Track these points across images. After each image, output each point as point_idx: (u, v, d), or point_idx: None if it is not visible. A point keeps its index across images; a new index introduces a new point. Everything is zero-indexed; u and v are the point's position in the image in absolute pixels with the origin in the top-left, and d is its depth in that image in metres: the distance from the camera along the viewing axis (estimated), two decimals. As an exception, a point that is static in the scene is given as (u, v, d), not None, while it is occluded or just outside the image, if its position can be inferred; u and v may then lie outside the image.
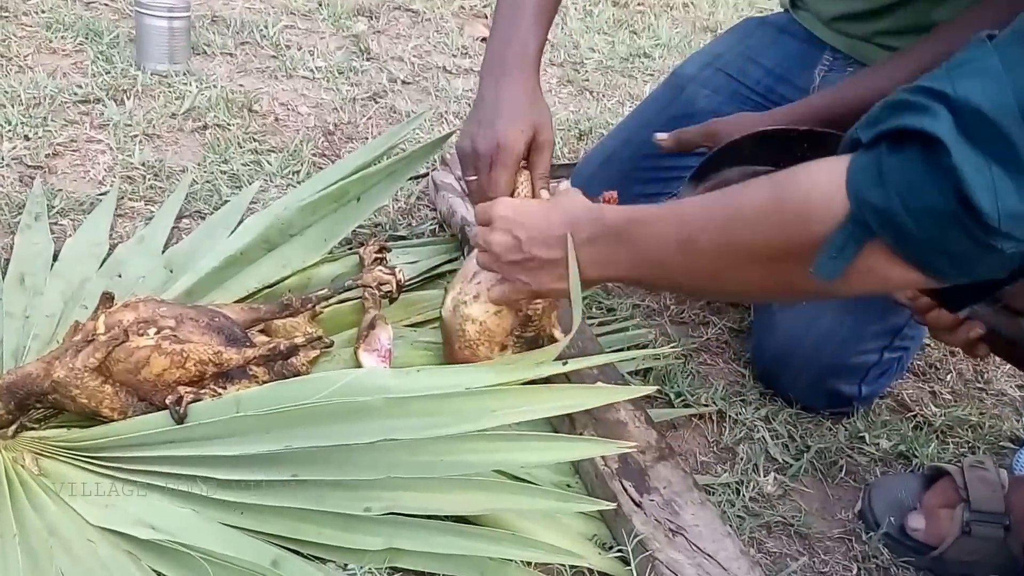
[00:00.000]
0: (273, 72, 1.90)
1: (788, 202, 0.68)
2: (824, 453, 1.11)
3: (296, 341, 0.97)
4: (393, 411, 0.84)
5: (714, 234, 0.75)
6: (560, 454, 0.84)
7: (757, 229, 0.71)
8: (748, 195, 0.73)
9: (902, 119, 0.61)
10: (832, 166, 0.66)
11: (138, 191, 1.44)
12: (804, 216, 0.67)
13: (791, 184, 0.69)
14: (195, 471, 0.91)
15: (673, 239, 0.78)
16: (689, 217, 0.78)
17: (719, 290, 0.88)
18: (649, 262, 0.81)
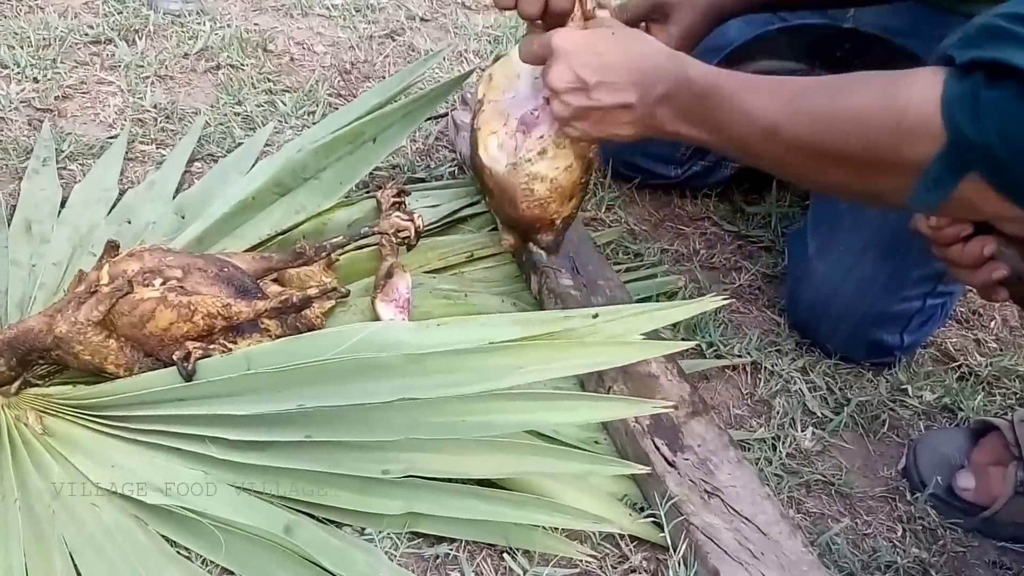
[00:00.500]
0: (288, 10, 1.79)
1: (883, 116, 0.64)
2: (865, 406, 1.02)
3: (310, 293, 0.89)
4: (411, 368, 0.76)
5: (803, 128, 0.70)
6: (590, 414, 0.76)
7: (848, 135, 0.67)
8: (844, 98, 0.68)
9: (1001, 52, 0.57)
10: (928, 84, 0.62)
11: (149, 134, 1.35)
12: (897, 135, 0.64)
13: (888, 96, 0.64)
14: (204, 431, 0.84)
15: (760, 122, 0.72)
16: (781, 102, 0.71)
17: (801, 182, 0.83)
18: (730, 138, 0.75)
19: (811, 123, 0.69)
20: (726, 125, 0.74)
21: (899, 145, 0.63)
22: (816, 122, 0.69)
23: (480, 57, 1.74)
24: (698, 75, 0.76)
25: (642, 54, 0.78)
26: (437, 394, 0.75)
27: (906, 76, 0.64)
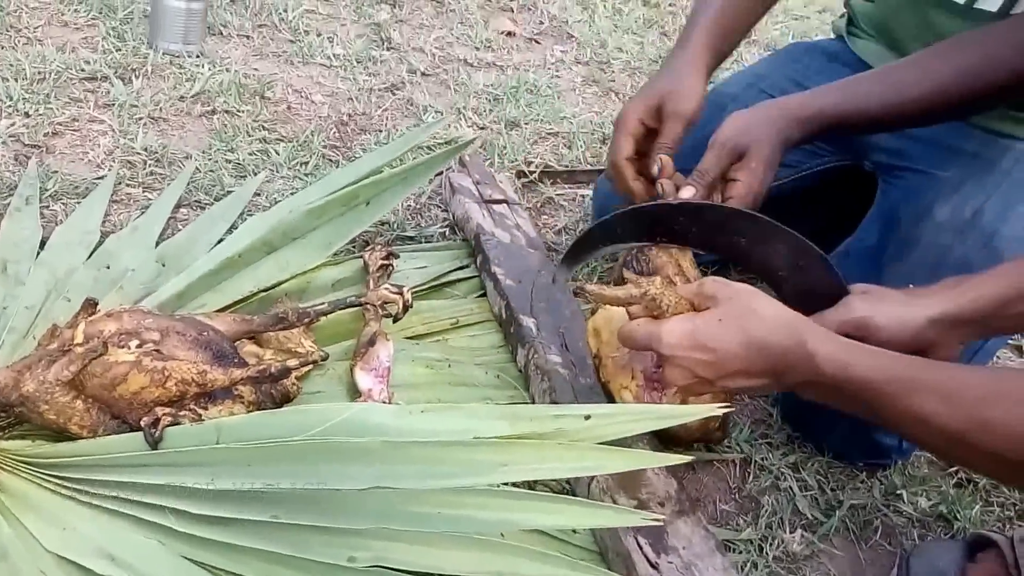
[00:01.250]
0: (289, 57, 1.78)
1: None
2: (857, 510, 0.99)
3: (288, 364, 0.85)
4: (391, 455, 0.72)
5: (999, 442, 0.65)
6: (574, 520, 0.72)
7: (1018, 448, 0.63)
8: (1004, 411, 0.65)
9: None
10: None
11: (137, 177, 1.32)
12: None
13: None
14: (166, 501, 0.80)
15: (939, 428, 0.68)
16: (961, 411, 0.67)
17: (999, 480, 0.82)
18: (900, 430, 0.73)
19: (1008, 439, 0.65)
20: (892, 421, 0.72)
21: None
22: (1015, 439, 0.65)
23: (478, 115, 1.73)
24: (833, 369, 0.73)
25: (761, 343, 0.75)
26: (416, 484, 0.72)
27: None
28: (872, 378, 0.71)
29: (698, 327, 0.77)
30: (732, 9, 1.10)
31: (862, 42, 1.23)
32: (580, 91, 1.97)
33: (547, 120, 1.76)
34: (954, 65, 0.93)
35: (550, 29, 2.24)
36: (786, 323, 0.75)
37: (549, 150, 1.66)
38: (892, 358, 0.73)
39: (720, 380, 0.77)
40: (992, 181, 1.04)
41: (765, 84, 1.23)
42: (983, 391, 0.67)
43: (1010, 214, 1.01)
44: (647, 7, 2.49)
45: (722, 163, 0.96)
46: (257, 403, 0.89)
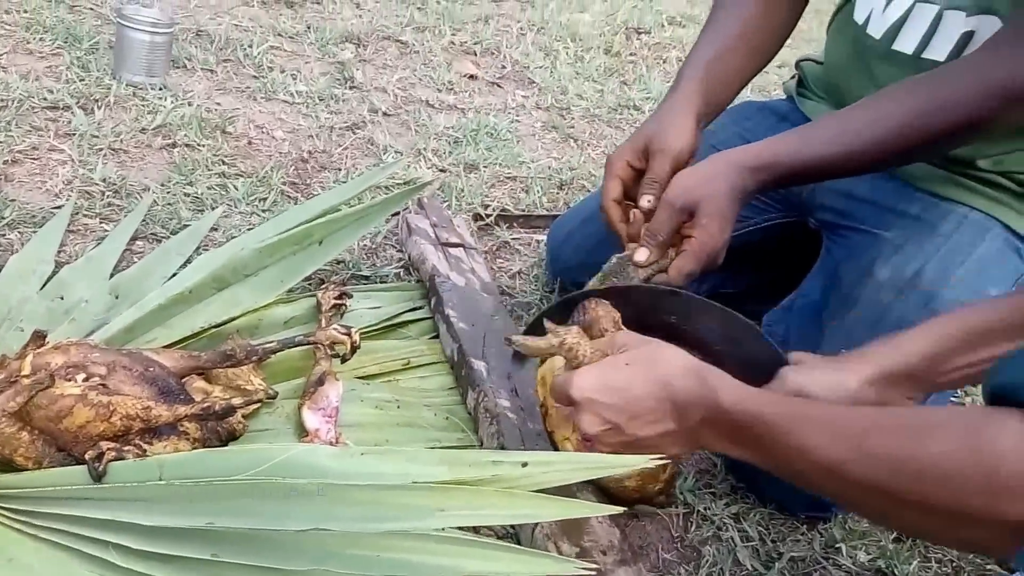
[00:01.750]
0: (252, 93, 1.80)
1: (972, 469, 0.60)
2: (797, 562, 1.01)
3: (233, 402, 0.87)
4: (329, 497, 0.74)
5: (877, 472, 0.65)
6: (514, 567, 0.73)
7: (931, 484, 0.62)
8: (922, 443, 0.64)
9: None
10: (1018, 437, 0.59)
11: (95, 208, 1.33)
12: (990, 490, 0.59)
13: (974, 447, 0.61)
14: (108, 536, 0.80)
15: (822, 460, 0.68)
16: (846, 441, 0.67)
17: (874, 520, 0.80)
18: (786, 468, 0.72)
19: (886, 468, 0.65)
20: (780, 457, 0.72)
21: (993, 501, 0.59)
22: (892, 468, 0.64)
23: (438, 156, 1.76)
24: (731, 402, 0.73)
25: (665, 381, 0.76)
26: (355, 527, 0.73)
27: (989, 424, 0.61)
28: (763, 412, 0.71)
29: (606, 371, 0.78)
30: (723, 59, 1.11)
31: (811, 103, 1.27)
32: (540, 136, 2.01)
33: (506, 164, 1.79)
34: (908, 106, 0.93)
35: (512, 74, 2.29)
36: (690, 367, 0.77)
37: (507, 194, 1.69)
38: (785, 397, 0.75)
39: (629, 426, 0.77)
40: (932, 244, 1.06)
41: (716, 140, 1.27)
42: (866, 423, 0.68)
43: (949, 277, 1.04)
44: (608, 56, 2.56)
45: (673, 222, 0.96)
46: (203, 440, 0.90)
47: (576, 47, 2.55)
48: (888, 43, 1.09)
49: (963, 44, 1.03)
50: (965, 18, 1.02)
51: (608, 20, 2.83)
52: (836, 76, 1.22)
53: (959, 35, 1.03)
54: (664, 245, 0.98)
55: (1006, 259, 1.06)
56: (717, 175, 0.96)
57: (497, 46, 2.41)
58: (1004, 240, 1.08)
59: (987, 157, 1.08)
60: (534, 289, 1.40)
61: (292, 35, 2.14)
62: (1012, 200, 1.10)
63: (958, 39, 1.03)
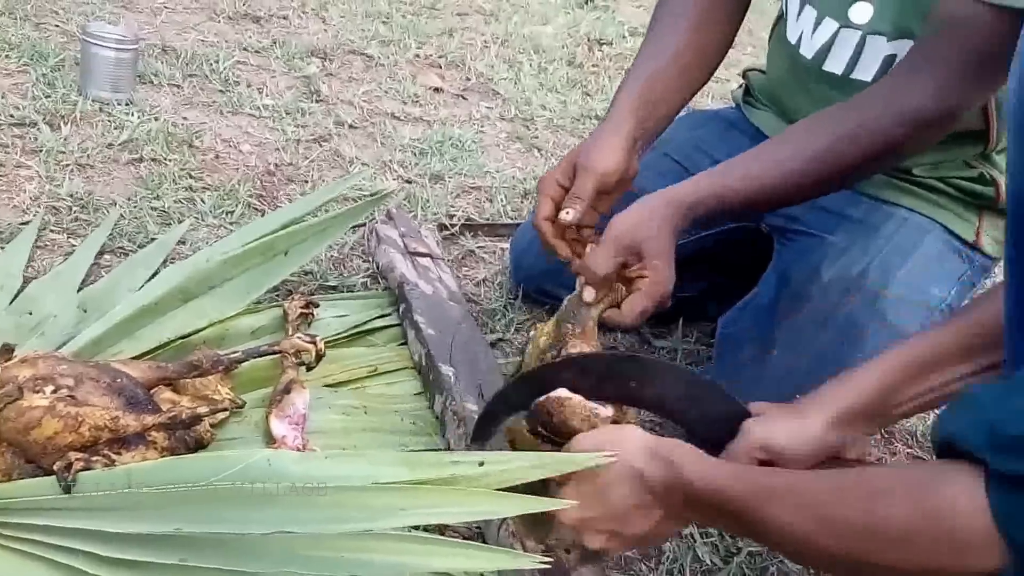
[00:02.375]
0: (219, 107, 1.81)
1: (929, 532, 0.62)
2: (755, 557, 1.03)
3: (199, 411, 0.88)
4: (293, 501, 0.75)
5: (842, 542, 0.66)
6: (473, 563, 0.76)
7: (894, 550, 0.64)
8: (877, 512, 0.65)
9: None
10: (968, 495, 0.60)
11: (62, 223, 1.33)
12: (951, 550, 0.61)
13: (928, 511, 0.62)
14: (78, 544, 0.81)
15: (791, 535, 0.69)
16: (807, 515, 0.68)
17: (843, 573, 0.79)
18: (765, 540, 0.74)
19: (849, 538, 0.66)
20: (756, 531, 0.73)
21: (960, 559, 0.61)
22: (855, 537, 0.65)
23: (404, 167, 1.78)
24: (702, 485, 0.74)
25: (635, 475, 0.77)
26: (319, 529, 0.75)
27: (940, 484, 0.62)
28: (733, 487, 0.73)
29: (581, 489, 0.80)
30: (656, 83, 1.11)
31: (757, 112, 1.31)
32: (504, 147, 2.04)
33: (471, 174, 1.82)
34: (823, 138, 0.96)
35: (477, 86, 2.32)
36: (652, 450, 0.78)
37: (471, 204, 1.72)
38: (750, 469, 0.76)
39: (626, 528, 0.79)
40: (875, 245, 1.10)
41: (669, 148, 1.30)
42: (825, 491, 0.69)
43: (892, 276, 1.08)
44: (571, 67, 2.59)
45: (617, 259, 0.96)
46: (171, 449, 0.91)
47: (539, 59, 2.58)
48: (819, 64, 1.13)
49: (887, 65, 1.07)
50: (886, 43, 1.07)
51: (570, 32, 2.87)
52: (777, 89, 1.26)
53: (882, 58, 1.07)
54: (607, 281, 0.97)
55: (947, 260, 1.10)
56: (655, 215, 0.97)
57: (462, 59, 2.44)
58: (944, 242, 1.12)
59: (920, 165, 1.13)
60: (499, 296, 1.43)
61: (258, 50, 2.15)
62: (950, 204, 1.14)
63: (882, 61, 1.08)
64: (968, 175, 1.13)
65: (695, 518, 0.79)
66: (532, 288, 1.40)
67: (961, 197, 1.15)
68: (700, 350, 1.39)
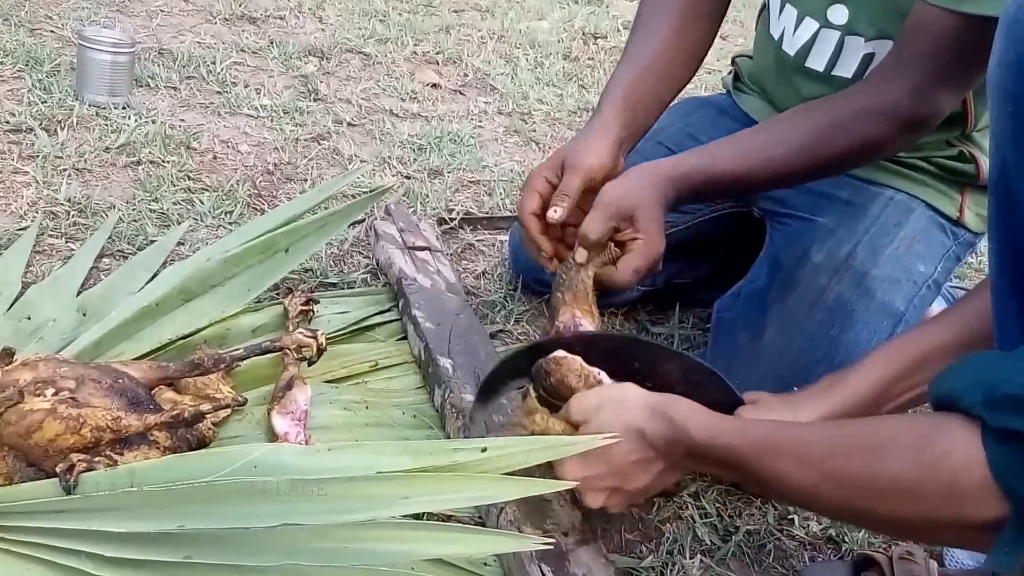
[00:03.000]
0: (216, 108, 1.80)
1: (931, 485, 0.64)
2: (753, 535, 1.04)
3: (202, 408, 0.88)
4: (296, 494, 0.75)
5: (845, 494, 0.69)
6: (475, 547, 0.76)
7: (896, 501, 0.66)
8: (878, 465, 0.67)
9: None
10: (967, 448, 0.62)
11: (60, 228, 1.33)
12: (952, 501, 0.63)
13: (928, 464, 0.64)
14: (81, 546, 0.80)
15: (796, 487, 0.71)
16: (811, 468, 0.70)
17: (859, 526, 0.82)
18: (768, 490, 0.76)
19: (851, 490, 0.69)
20: (762, 482, 0.75)
21: (959, 509, 0.63)
22: (857, 490, 0.68)
23: (403, 164, 1.78)
24: (704, 439, 0.77)
25: (637, 433, 0.79)
26: (322, 520, 0.74)
27: (938, 437, 0.64)
28: (735, 443, 0.75)
29: (583, 457, 0.81)
30: (640, 83, 1.12)
31: (747, 97, 1.32)
32: (502, 141, 2.03)
33: (469, 169, 1.81)
34: (805, 130, 1.00)
35: (474, 81, 2.31)
36: (654, 408, 0.80)
37: (470, 198, 1.71)
38: (753, 424, 0.78)
39: (627, 483, 0.82)
40: (862, 226, 1.12)
41: (662, 136, 1.30)
42: (827, 445, 0.71)
43: (879, 256, 1.09)
44: (567, 61, 2.58)
45: (607, 224, 0.98)
46: (173, 448, 0.90)
47: (536, 53, 2.57)
48: (801, 60, 1.15)
49: (866, 65, 1.11)
50: (864, 43, 1.10)
51: (566, 27, 2.86)
52: (763, 78, 1.28)
53: (861, 56, 1.10)
54: (598, 245, 1.00)
55: (931, 236, 1.12)
56: (646, 185, 0.99)
57: (459, 55, 2.43)
58: (929, 219, 1.14)
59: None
60: (499, 288, 1.42)
61: (255, 50, 2.15)
62: (933, 181, 1.16)
63: (860, 60, 1.11)
64: (949, 154, 1.15)
65: (696, 467, 0.82)
66: (531, 279, 1.40)
67: (943, 175, 1.17)
68: (696, 335, 1.38)
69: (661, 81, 1.14)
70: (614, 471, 0.81)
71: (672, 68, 1.15)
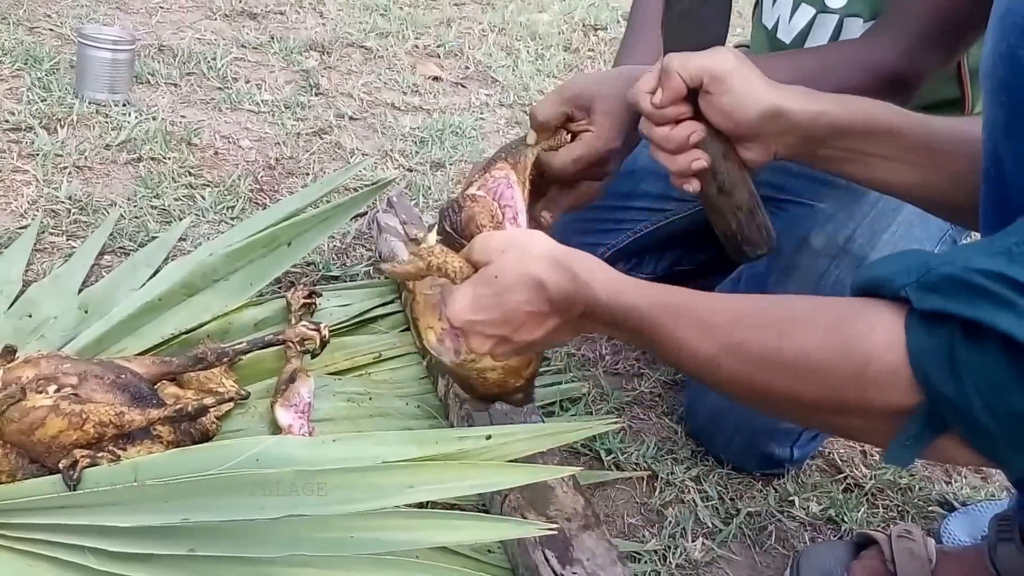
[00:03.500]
0: (217, 104, 1.80)
1: (842, 363, 0.60)
2: (754, 517, 1.04)
3: (205, 402, 0.88)
4: (302, 485, 0.75)
5: (747, 366, 0.65)
6: (477, 534, 0.76)
7: (801, 379, 0.63)
8: (790, 337, 0.63)
9: (981, 311, 0.54)
10: (887, 329, 0.59)
11: (61, 225, 1.33)
12: (861, 383, 0.60)
13: (844, 341, 0.61)
14: (85, 541, 0.81)
15: (695, 355, 0.68)
16: (715, 336, 0.67)
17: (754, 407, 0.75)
18: (665, 358, 0.72)
19: (755, 362, 0.65)
20: (658, 348, 0.71)
21: (865, 393, 0.60)
22: (761, 361, 0.64)
23: (405, 157, 1.77)
24: (607, 297, 0.72)
25: (537, 282, 0.73)
26: (327, 511, 0.74)
27: (857, 318, 0.61)
28: (638, 304, 0.70)
29: (477, 290, 0.76)
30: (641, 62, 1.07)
31: None
32: (503, 132, 2.02)
33: (471, 161, 1.80)
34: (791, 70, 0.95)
35: (475, 74, 2.30)
36: (557, 260, 0.74)
37: (472, 189, 1.70)
38: (660, 288, 0.73)
39: (517, 334, 0.75)
40: (861, 211, 1.11)
41: None
42: (734, 315, 0.67)
43: (877, 241, 1.09)
44: (568, 52, 2.57)
45: (558, 108, 0.93)
46: (176, 442, 0.90)
47: (536, 46, 2.56)
48: (799, 46, 1.15)
49: None
50: (863, 23, 1.09)
51: (566, 19, 2.85)
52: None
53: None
54: (545, 128, 0.94)
55: (928, 220, 1.11)
56: (618, 81, 0.94)
57: (460, 48, 2.42)
58: None
59: None
60: (501, 279, 1.41)
61: (256, 46, 2.14)
62: None
63: None
64: None
65: (592, 328, 0.76)
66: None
67: None
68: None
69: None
70: (505, 318, 0.75)
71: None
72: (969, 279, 0.55)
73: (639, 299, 0.71)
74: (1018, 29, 0.61)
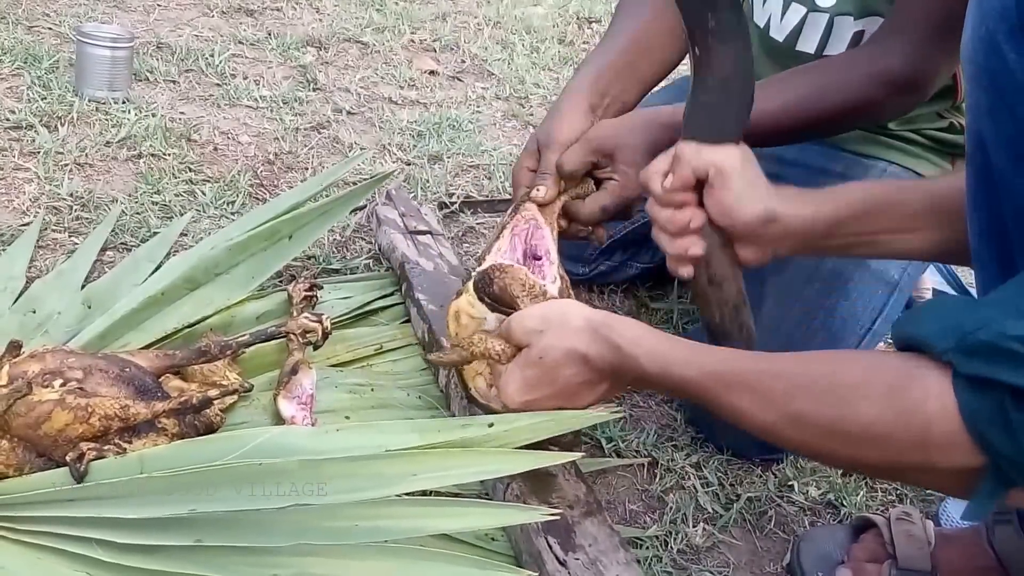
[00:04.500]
0: (216, 100, 1.80)
1: (904, 432, 0.62)
2: (754, 502, 1.04)
3: (209, 394, 0.88)
4: (306, 474, 0.75)
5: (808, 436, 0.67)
6: (483, 520, 0.76)
7: (865, 447, 0.65)
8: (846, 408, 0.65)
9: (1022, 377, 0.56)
10: (940, 397, 0.61)
11: (63, 222, 1.32)
12: (926, 449, 0.62)
13: (901, 411, 0.62)
14: (92, 533, 0.81)
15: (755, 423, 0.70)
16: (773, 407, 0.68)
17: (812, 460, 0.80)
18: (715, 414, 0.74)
19: (816, 432, 0.67)
20: (715, 413, 0.73)
21: (929, 457, 0.62)
22: (822, 432, 0.66)
23: (403, 150, 1.77)
24: (655, 370, 0.74)
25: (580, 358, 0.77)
26: (331, 500, 0.74)
27: (911, 384, 0.62)
28: (688, 376, 0.73)
29: (526, 373, 0.80)
30: (617, 58, 1.10)
31: None
32: (500, 125, 2.02)
33: (468, 153, 1.80)
34: (798, 89, 1.00)
35: (471, 67, 2.30)
36: (597, 331, 0.77)
37: (470, 182, 1.71)
38: (705, 355, 0.74)
39: (571, 402, 0.80)
40: None
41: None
42: (789, 383, 0.69)
43: None
44: (562, 45, 2.57)
45: (584, 159, 0.98)
46: (181, 435, 0.90)
47: (531, 39, 2.56)
48: (791, 45, 1.15)
49: (857, 42, 1.11)
50: (854, 21, 1.09)
51: (560, 12, 2.84)
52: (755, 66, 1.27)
53: (851, 35, 1.10)
54: (572, 177, 0.99)
55: None
56: (637, 127, 0.99)
57: (456, 42, 2.41)
58: None
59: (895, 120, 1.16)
60: (500, 270, 1.42)
61: (253, 42, 2.14)
62: (924, 153, 1.17)
63: (851, 39, 1.11)
64: (940, 126, 1.16)
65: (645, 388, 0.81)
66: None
67: (934, 147, 1.17)
68: (694, 310, 1.38)
69: (641, 56, 1.12)
70: (559, 392, 0.79)
71: (651, 47, 1.13)
72: (1008, 347, 0.57)
73: (688, 371, 0.73)
74: (995, 13, 0.62)
